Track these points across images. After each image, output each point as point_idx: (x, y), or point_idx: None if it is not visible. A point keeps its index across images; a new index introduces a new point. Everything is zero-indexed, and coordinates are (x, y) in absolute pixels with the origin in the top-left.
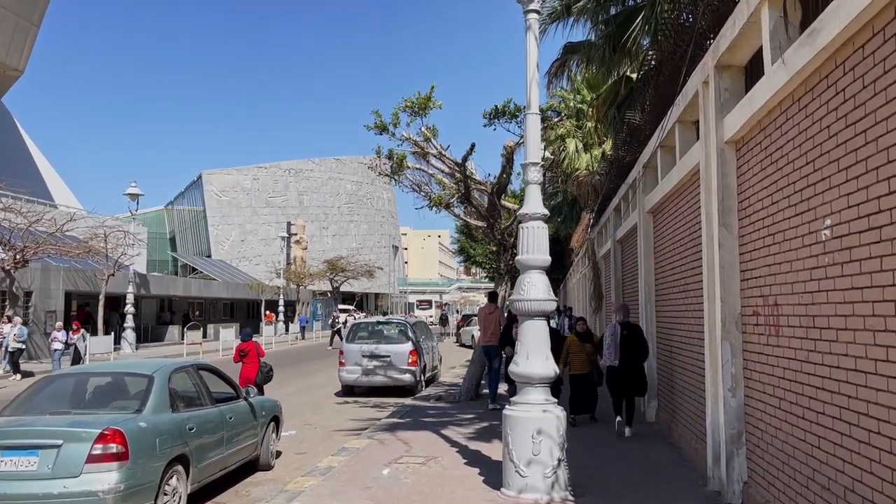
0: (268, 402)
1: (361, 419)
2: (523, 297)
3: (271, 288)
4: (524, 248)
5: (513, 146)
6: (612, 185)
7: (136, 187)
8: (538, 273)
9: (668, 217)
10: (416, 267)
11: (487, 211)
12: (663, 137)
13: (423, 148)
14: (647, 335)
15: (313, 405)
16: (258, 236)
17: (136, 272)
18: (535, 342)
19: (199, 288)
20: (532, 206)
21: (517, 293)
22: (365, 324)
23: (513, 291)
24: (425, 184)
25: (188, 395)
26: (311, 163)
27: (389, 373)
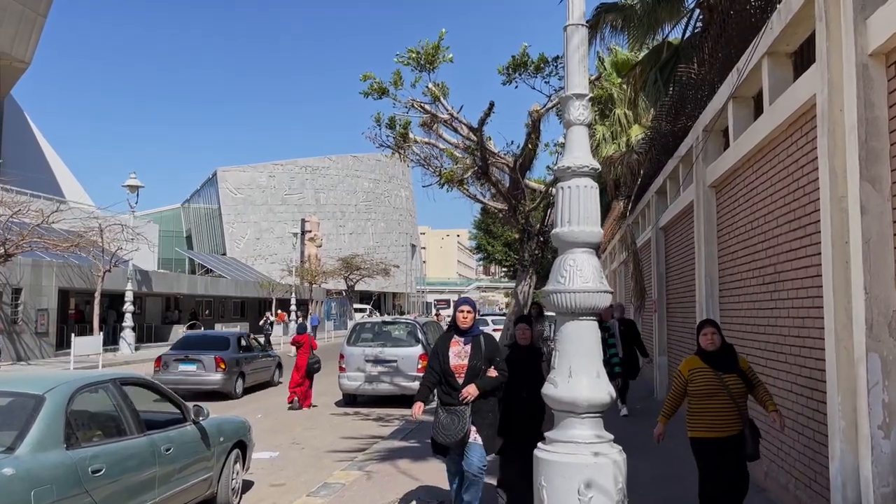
0: (229, 424)
1: (359, 437)
2: (564, 286)
3: (282, 286)
4: (565, 217)
5: (539, 111)
6: (652, 164)
7: (135, 178)
8: (586, 252)
9: (743, 187)
10: (434, 266)
11: (509, 191)
12: (741, 82)
13: (430, 112)
14: None
15: (307, 417)
16: (274, 234)
17: (136, 268)
18: (582, 352)
19: (206, 286)
20: (577, 155)
21: (554, 281)
22: (369, 324)
23: (548, 280)
24: (435, 157)
25: (101, 423)
26: (327, 160)
27: (396, 380)
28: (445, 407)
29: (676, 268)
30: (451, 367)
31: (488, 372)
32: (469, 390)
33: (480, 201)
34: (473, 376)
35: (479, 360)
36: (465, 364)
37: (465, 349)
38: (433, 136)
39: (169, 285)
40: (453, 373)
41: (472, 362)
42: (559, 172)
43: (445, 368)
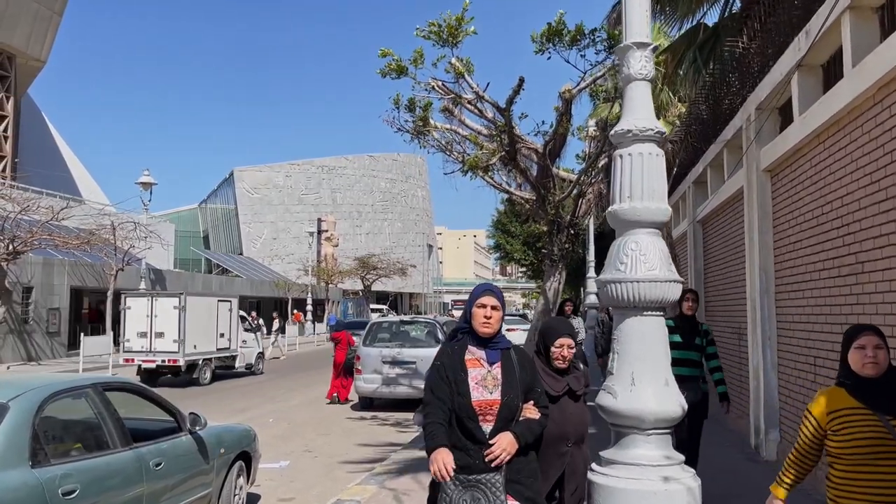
0: (231, 433)
1: (376, 445)
2: (624, 274)
3: (298, 286)
4: (625, 191)
5: (572, 91)
6: (688, 152)
7: (148, 175)
8: (650, 234)
9: (809, 168)
10: (451, 267)
11: (537, 179)
12: (810, 47)
13: (453, 93)
14: (762, 341)
15: (321, 422)
16: (290, 234)
17: (150, 267)
18: (647, 355)
19: (220, 285)
20: (639, 116)
21: (612, 269)
22: (387, 324)
23: (603, 268)
24: (457, 142)
25: (77, 435)
26: (344, 160)
27: (415, 382)
28: (461, 477)
29: (717, 263)
30: (471, 404)
31: (525, 411)
32: (503, 444)
33: (507, 191)
34: (507, 420)
35: (516, 393)
36: (494, 400)
37: (492, 373)
38: (455, 121)
39: (183, 285)
40: (475, 413)
41: (505, 396)
42: (617, 138)
43: (461, 406)
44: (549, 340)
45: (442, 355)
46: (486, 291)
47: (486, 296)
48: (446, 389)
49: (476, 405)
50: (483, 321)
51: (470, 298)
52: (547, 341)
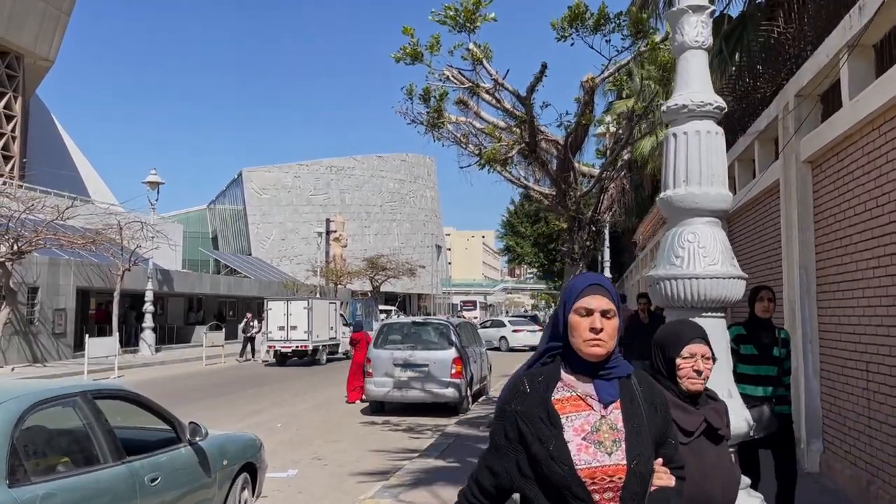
0: (235, 443)
1: (389, 451)
2: (681, 269)
3: (307, 287)
4: (679, 175)
5: (594, 80)
6: None
7: (155, 175)
8: (710, 224)
9: (861, 157)
10: (459, 267)
11: (557, 173)
12: (864, 25)
13: (470, 81)
14: (802, 344)
15: (331, 427)
16: (299, 235)
17: (157, 267)
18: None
19: (229, 286)
20: (695, 90)
21: (666, 264)
22: (398, 325)
23: (655, 262)
24: (473, 134)
25: (62, 449)
26: (352, 160)
27: (427, 386)
28: None
29: (745, 263)
30: (576, 476)
31: (655, 477)
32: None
33: (525, 186)
34: (636, 498)
35: (649, 452)
36: (617, 466)
37: (608, 420)
38: (470, 114)
39: (191, 285)
40: (584, 490)
41: (634, 460)
42: (670, 114)
43: (557, 478)
44: (673, 350)
45: (514, 395)
46: (593, 287)
47: (593, 294)
48: (510, 458)
49: (586, 476)
50: (591, 339)
51: (564, 298)
52: (669, 351)
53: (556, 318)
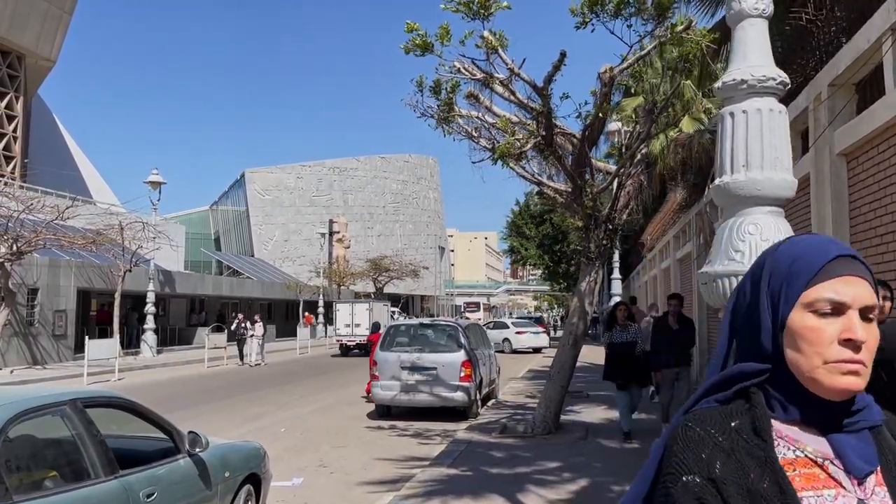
0: (238, 452)
1: (397, 459)
2: (741, 266)
3: (310, 288)
4: (738, 159)
5: (612, 72)
6: None
7: (157, 175)
8: (773, 214)
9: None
10: (462, 269)
11: (573, 168)
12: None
13: (484, 72)
14: None
15: (336, 432)
16: (302, 236)
17: (158, 268)
18: None
19: (231, 287)
20: (755, 63)
21: (724, 258)
22: (405, 326)
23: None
24: (485, 127)
25: (49, 463)
26: (355, 161)
27: (436, 390)
28: None
29: None
30: None
31: None
32: None
33: (539, 182)
34: None
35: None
36: None
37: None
38: (482, 109)
39: (193, 286)
40: None
41: None
42: (726, 91)
43: None
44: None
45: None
46: (844, 261)
47: (846, 273)
48: None
49: None
50: (844, 361)
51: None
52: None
53: (751, 316)
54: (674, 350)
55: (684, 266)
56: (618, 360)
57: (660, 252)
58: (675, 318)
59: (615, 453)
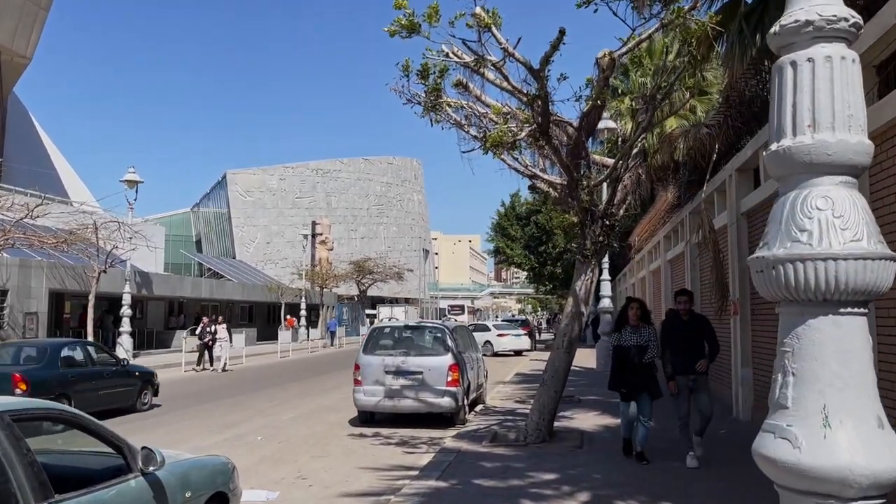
0: (200, 469)
1: (381, 469)
2: (809, 249)
3: (292, 290)
4: (799, 118)
5: (612, 57)
6: (728, 137)
7: (133, 173)
8: (846, 186)
9: None
10: (446, 272)
11: (569, 159)
12: None
13: (475, 53)
14: None
15: (317, 440)
16: (284, 238)
17: (135, 269)
18: (848, 379)
19: (210, 289)
20: (818, 1)
21: (782, 240)
22: (389, 329)
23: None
24: (475, 115)
25: None
26: (339, 163)
27: (422, 395)
28: None
29: None
30: None
31: None
32: None
33: (532, 175)
34: None
35: None
36: None
37: None
38: (471, 98)
39: (171, 288)
40: None
41: None
42: (784, 36)
43: None
44: None
45: None
46: None
47: None
48: None
49: None
50: None
51: None
52: None
53: None
54: (687, 352)
55: (676, 267)
56: (625, 366)
57: (649, 253)
58: (686, 314)
59: (615, 463)
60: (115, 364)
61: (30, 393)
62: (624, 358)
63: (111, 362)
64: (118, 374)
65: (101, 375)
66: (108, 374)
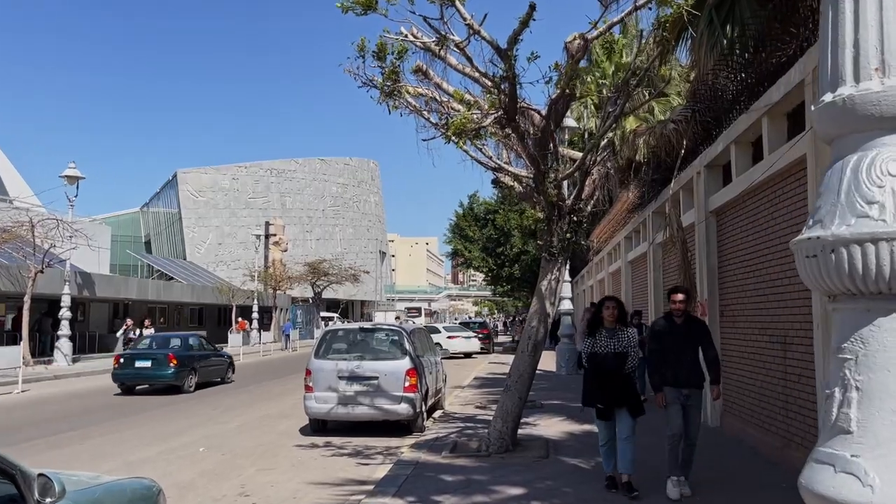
0: (115, 496)
1: (332, 484)
2: (883, 226)
3: (244, 292)
4: (863, 58)
5: (585, 38)
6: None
7: (74, 168)
8: None
9: None
10: (403, 274)
11: (536, 148)
12: None
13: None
14: None
15: (264, 451)
16: (237, 239)
17: (75, 270)
18: None
19: (157, 291)
20: None
21: (845, 216)
22: (343, 331)
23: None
24: (436, 101)
25: None
26: (294, 163)
27: (377, 402)
28: None
29: (745, 259)
30: None
31: None
32: None
33: (497, 167)
34: None
35: None
36: None
37: None
38: (431, 85)
39: (115, 290)
40: None
41: None
42: None
43: None
44: None
45: None
46: None
47: None
48: None
49: None
50: None
51: None
52: None
53: None
54: (680, 362)
55: (637, 268)
56: (601, 376)
57: (608, 255)
58: (681, 316)
59: (585, 476)
60: (214, 351)
61: (177, 366)
62: (600, 368)
63: (212, 349)
64: (216, 357)
65: (208, 357)
66: (212, 356)
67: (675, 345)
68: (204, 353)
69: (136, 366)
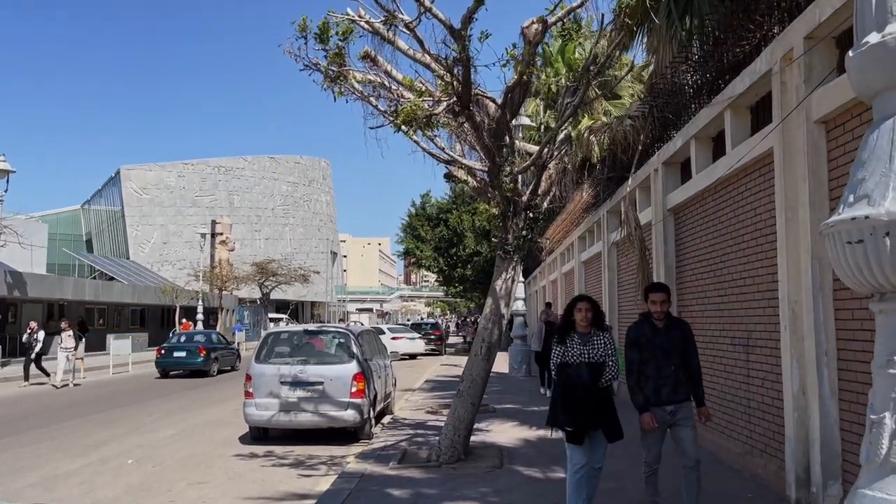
0: None
1: (271, 498)
2: None
3: (188, 293)
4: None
5: (546, 22)
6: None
7: (4, 162)
8: None
9: None
10: (355, 275)
11: (492, 139)
12: None
13: (386, 11)
14: (817, 356)
15: (198, 462)
16: (182, 238)
17: (5, 269)
18: None
19: (96, 291)
20: None
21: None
22: (286, 334)
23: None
24: (385, 87)
25: None
26: (242, 160)
27: (322, 408)
28: None
29: (700, 259)
30: None
31: None
32: None
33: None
34: None
35: None
36: None
37: None
38: (380, 73)
39: (50, 290)
40: None
41: None
42: None
43: None
44: None
45: None
46: None
47: None
48: None
49: None
50: None
51: None
52: None
53: None
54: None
55: (591, 268)
56: (573, 390)
57: (561, 255)
58: (661, 318)
59: (542, 488)
60: (227, 344)
61: (206, 355)
62: (571, 381)
63: (225, 342)
64: (228, 348)
65: (223, 348)
66: (226, 348)
67: (657, 355)
68: (221, 346)
69: (174, 356)
